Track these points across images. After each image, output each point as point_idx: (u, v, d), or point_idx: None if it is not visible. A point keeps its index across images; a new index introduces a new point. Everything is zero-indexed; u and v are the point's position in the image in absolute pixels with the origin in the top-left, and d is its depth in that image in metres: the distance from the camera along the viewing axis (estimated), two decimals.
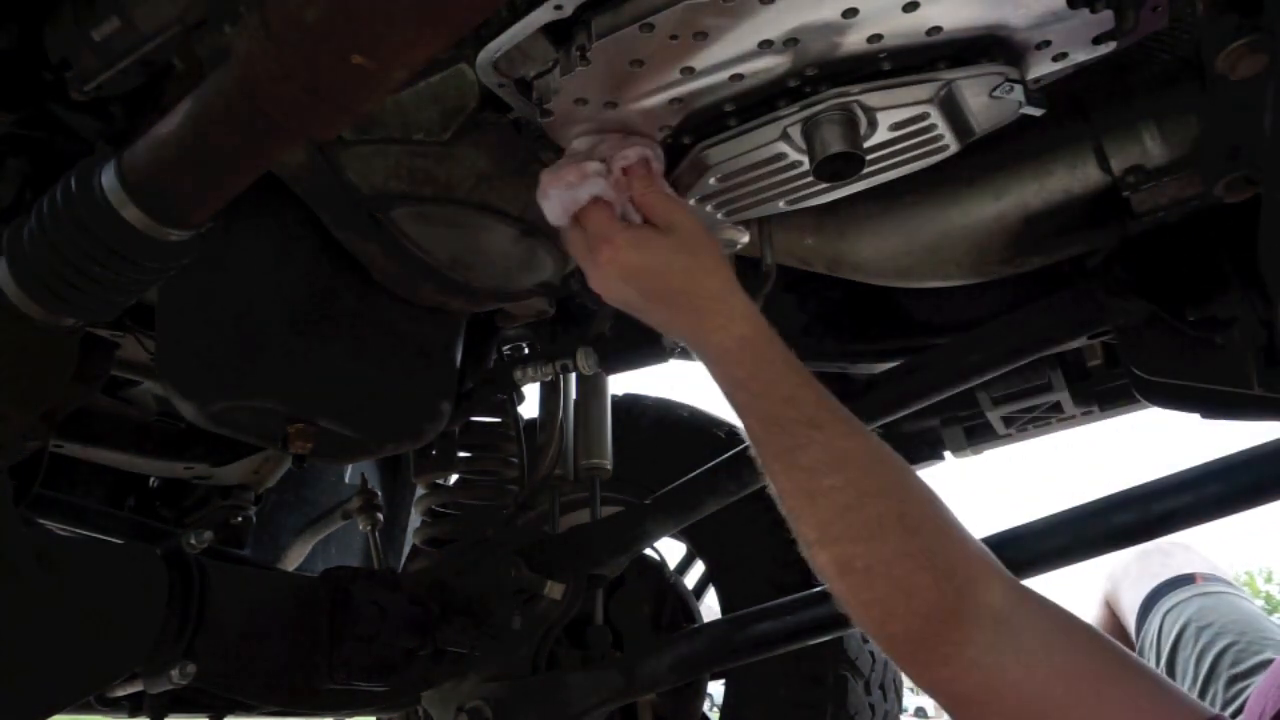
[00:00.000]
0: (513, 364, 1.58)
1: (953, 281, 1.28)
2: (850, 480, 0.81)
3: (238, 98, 0.71)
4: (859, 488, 0.81)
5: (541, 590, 1.58)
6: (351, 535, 2.44)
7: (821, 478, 0.81)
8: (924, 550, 0.78)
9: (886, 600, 0.77)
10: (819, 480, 0.81)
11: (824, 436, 0.83)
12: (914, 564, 0.77)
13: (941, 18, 0.81)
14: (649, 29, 0.80)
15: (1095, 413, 1.76)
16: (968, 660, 0.75)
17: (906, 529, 0.79)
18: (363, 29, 0.65)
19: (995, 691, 0.74)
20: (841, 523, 0.80)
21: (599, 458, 1.74)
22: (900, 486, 0.82)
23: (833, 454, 0.82)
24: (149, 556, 1.20)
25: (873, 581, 0.78)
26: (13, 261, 0.85)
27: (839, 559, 0.79)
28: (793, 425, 0.83)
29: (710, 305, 0.88)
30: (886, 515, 0.79)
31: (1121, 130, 1.09)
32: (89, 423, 1.80)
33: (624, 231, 0.90)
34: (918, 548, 0.78)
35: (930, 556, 0.78)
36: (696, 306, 0.89)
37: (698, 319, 0.89)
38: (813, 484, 0.81)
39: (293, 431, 1.24)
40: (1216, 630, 1.65)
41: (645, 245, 0.89)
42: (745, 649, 1.50)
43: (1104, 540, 1.26)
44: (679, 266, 0.89)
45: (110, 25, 1.00)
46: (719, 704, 1.92)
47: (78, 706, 1.16)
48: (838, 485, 0.81)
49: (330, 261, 1.20)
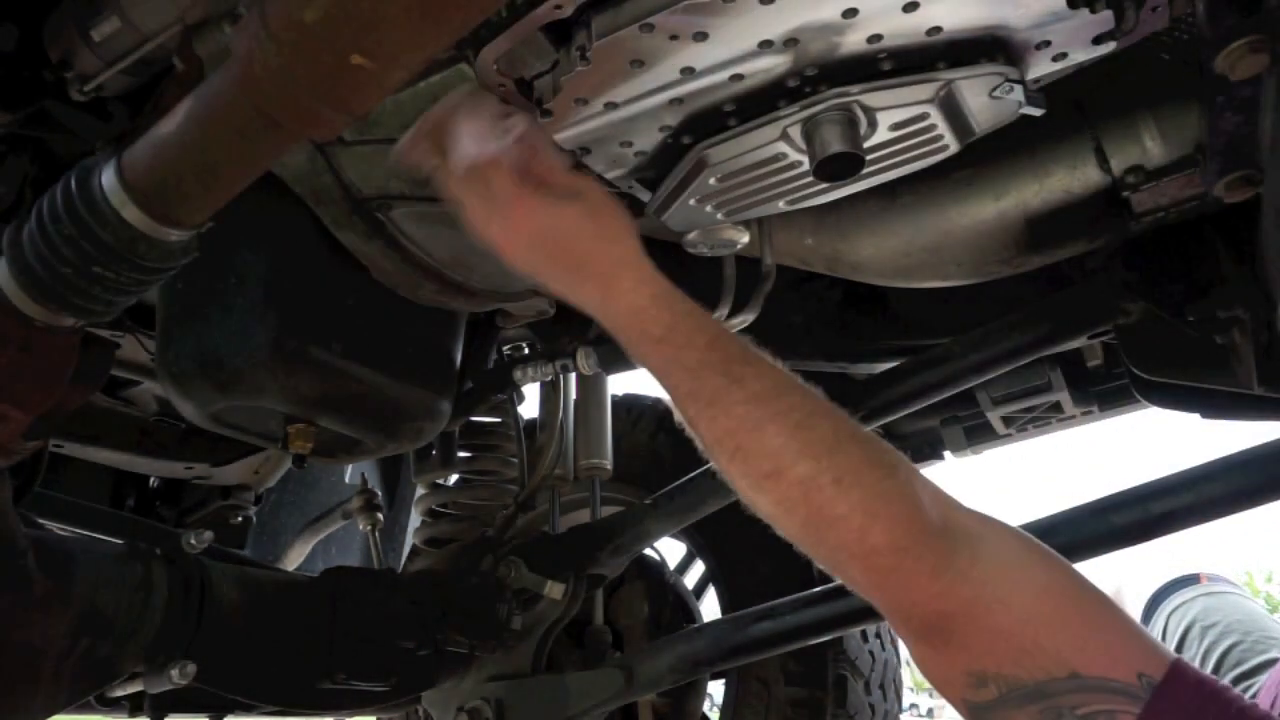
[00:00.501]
0: (513, 364, 1.58)
1: (953, 281, 1.28)
2: (795, 404, 0.78)
3: (238, 98, 0.72)
4: (806, 407, 0.78)
5: (541, 590, 1.58)
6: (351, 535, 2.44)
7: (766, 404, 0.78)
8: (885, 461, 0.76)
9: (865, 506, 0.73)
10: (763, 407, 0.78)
11: (756, 369, 0.81)
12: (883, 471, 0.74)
13: (941, 18, 0.81)
14: (649, 29, 0.80)
15: (1095, 413, 1.76)
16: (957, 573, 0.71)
17: (863, 442, 0.77)
18: (363, 29, 0.65)
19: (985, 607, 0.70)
20: (798, 441, 0.76)
21: (599, 458, 1.74)
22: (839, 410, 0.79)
23: (772, 381, 0.80)
24: (149, 556, 1.20)
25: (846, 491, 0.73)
26: (13, 261, 0.85)
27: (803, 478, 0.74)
28: (725, 364, 0.81)
29: (619, 270, 0.86)
30: (840, 429, 0.77)
31: (1121, 130, 1.09)
32: (89, 423, 1.80)
33: (534, 195, 0.86)
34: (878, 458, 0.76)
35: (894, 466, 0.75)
36: (605, 271, 0.86)
37: (606, 283, 0.86)
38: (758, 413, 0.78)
39: (293, 431, 1.25)
40: (1221, 630, 1.65)
41: (554, 210, 0.86)
42: (745, 649, 1.50)
43: (1104, 540, 1.26)
44: (588, 232, 0.86)
45: (110, 25, 1.00)
46: (719, 704, 1.92)
47: (78, 706, 1.16)
48: (784, 409, 0.78)
49: (330, 261, 1.20)
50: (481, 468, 1.84)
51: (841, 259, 1.30)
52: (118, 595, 1.14)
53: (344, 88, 0.69)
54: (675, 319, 0.84)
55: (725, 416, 0.80)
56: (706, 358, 0.82)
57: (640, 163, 1.01)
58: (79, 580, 1.11)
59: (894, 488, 0.74)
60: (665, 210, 1.04)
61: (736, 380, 0.80)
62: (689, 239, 1.13)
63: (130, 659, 1.15)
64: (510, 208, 0.86)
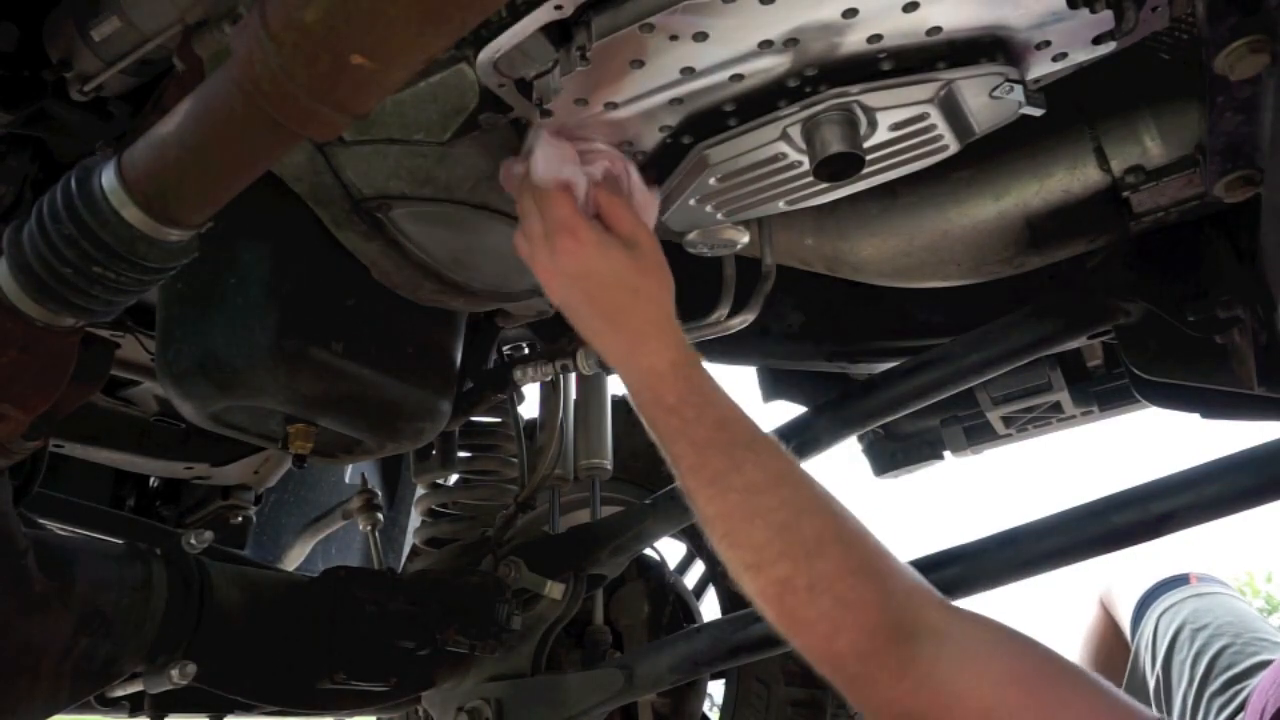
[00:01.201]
0: (513, 364, 1.58)
1: (953, 281, 1.28)
2: (786, 499, 0.80)
3: (238, 98, 0.71)
4: (795, 506, 0.80)
5: (541, 590, 1.58)
6: (351, 535, 2.44)
7: (758, 497, 0.80)
8: (864, 566, 0.78)
9: (832, 615, 0.76)
10: (755, 500, 0.80)
11: (757, 458, 0.83)
12: (856, 580, 0.77)
13: (941, 18, 0.81)
14: (649, 29, 0.80)
15: (1095, 413, 1.76)
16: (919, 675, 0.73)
17: (845, 545, 0.79)
18: (363, 29, 0.65)
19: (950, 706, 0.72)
20: (781, 541, 0.79)
21: (599, 458, 1.74)
22: (832, 505, 0.81)
23: (768, 474, 0.82)
24: (149, 556, 1.20)
25: (816, 599, 0.76)
26: (13, 261, 0.85)
27: (780, 579, 0.78)
28: (727, 448, 0.83)
29: (648, 329, 0.89)
30: (825, 531, 0.79)
31: (1121, 130, 1.09)
32: (89, 423, 1.80)
33: (590, 229, 0.88)
34: (858, 563, 0.78)
35: (871, 572, 0.78)
36: (635, 328, 0.89)
37: (633, 340, 0.89)
38: (749, 504, 0.80)
39: (293, 431, 1.24)
40: (1212, 632, 1.65)
41: (603, 251, 0.88)
42: (745, 649, 1.50)
43: (1104, 540, 1.26)
44: (629, 284, 0.89)
45: (110, 25, 1.00)
46: (719, 704, 1.92)
47: (78, 706, 1.16)
48: (774, 505, 0.80)
49: (330, 261, 1.20)
50: (481, 468, 1.84)
51: (842, 259, 1.30)
52: (118, 595, 1.14)
53: (344, 88, 0.69)
54: (690, 391, 0.86)
55: (721, 500, 0.82)
56: (714, 436, 0.84)
57: (640, 163, 1.01)
58: (79, 580, 1.11)
59: (864, 595, 0.76)
60: (665, 210, 1.04)
61: (737, 466, 0.82)
62: (689, 239, 1.13)
63: (130, 659, 1.15)
64: (562, 236, 0.88)
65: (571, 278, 0.89)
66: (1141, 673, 1.74)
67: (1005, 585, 1.35)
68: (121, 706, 1.24)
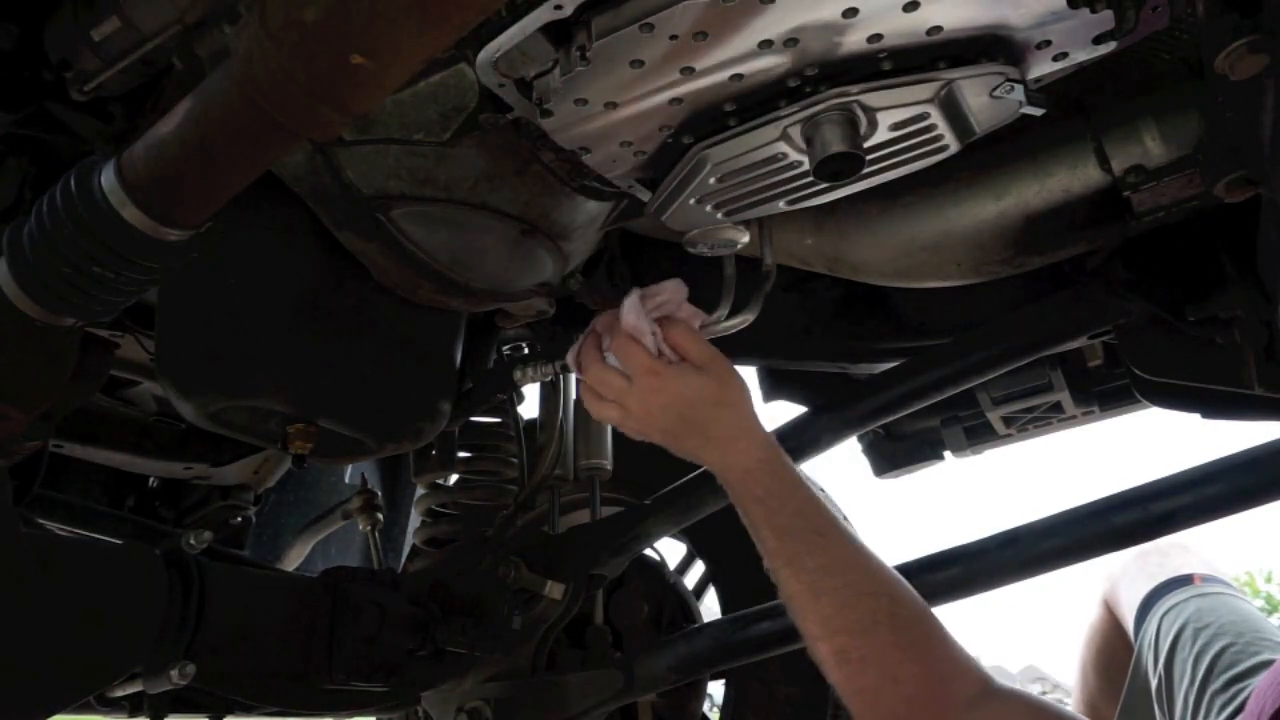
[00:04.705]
0: (513, 364, 1.57)
1: (953, 281, 1.28)
2: (848, 581, 0.94)
3: (238, 98, 0.71)
4: (855, 588, 0.94)
5: (541, 590, 1.58)
6: (351, 535, 2.44)
7: (825, 578, 0.94)
8: (911, 645, 0.91)
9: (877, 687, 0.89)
10: (822, 580, 0.94)
11: (826, 543, 0.97)
12: (901, 656, 0.90)
13: (942, 17, 0.81)
14: (649, 29, 0.80)
15: (1095, 413, 1.76)
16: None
17: (896, 625, 0.92)
18: (363, 29, 0.65)
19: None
20: (840, 617, 0.93)
21: (599, 458, 1.74)
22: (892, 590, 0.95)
23: (834, 558, 0.96)
24: (149, 556, 1.20)
25: (865, 670, 0.90)
26: (12, 261, 0.85)
27: (838, 650, 0.92)
28: (802, 534, 0.97)
29: (735, 434, 1.03)
30: (879, 612, 0.92)
31: (1122, 130, 1.09)
32: (89, 423, 1.80)
33: (667, 366, 1.03)
34: (906, 642, 0.91)
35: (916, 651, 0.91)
36: (725, 435, 1.03)
37: (725, 446, 1.03)
38: (817, 584, 0.94)
39: (293, 431, 1.24)
40: (1214, 631, 1.65)
41: (686, 380, 1.03)
42: (745, 649, 1.50)
43: (1104, 540, 1.26)
44: (712, 399, 1.03)
45: (110, 25, 1.00)
46: (719, 704, 1.92)
47: (78, 706, 1.15)
48: (837, 585, 0.94)
49: (330, 261, 1.20)
50: (481, 468, 1.84)
51: (842, 259, 1.30)
52: (117, 596, 1.14)
53: (344, 88, 0.69)
54: (775, 483, 1.01)
55: (796, 579, 0.97)
56: (792, 523, 0.99)
57: (640, 162, 1.01)
58: (78, 580, 1.11)
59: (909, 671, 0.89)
60: (665, 210, 1.04)
61: (810, 550, 0.97)
62: (689, 239, 1.13)
63: (130, 659, 1.15)
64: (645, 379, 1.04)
65: (663, 409, 1.04)
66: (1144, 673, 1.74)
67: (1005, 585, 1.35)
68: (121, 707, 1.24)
